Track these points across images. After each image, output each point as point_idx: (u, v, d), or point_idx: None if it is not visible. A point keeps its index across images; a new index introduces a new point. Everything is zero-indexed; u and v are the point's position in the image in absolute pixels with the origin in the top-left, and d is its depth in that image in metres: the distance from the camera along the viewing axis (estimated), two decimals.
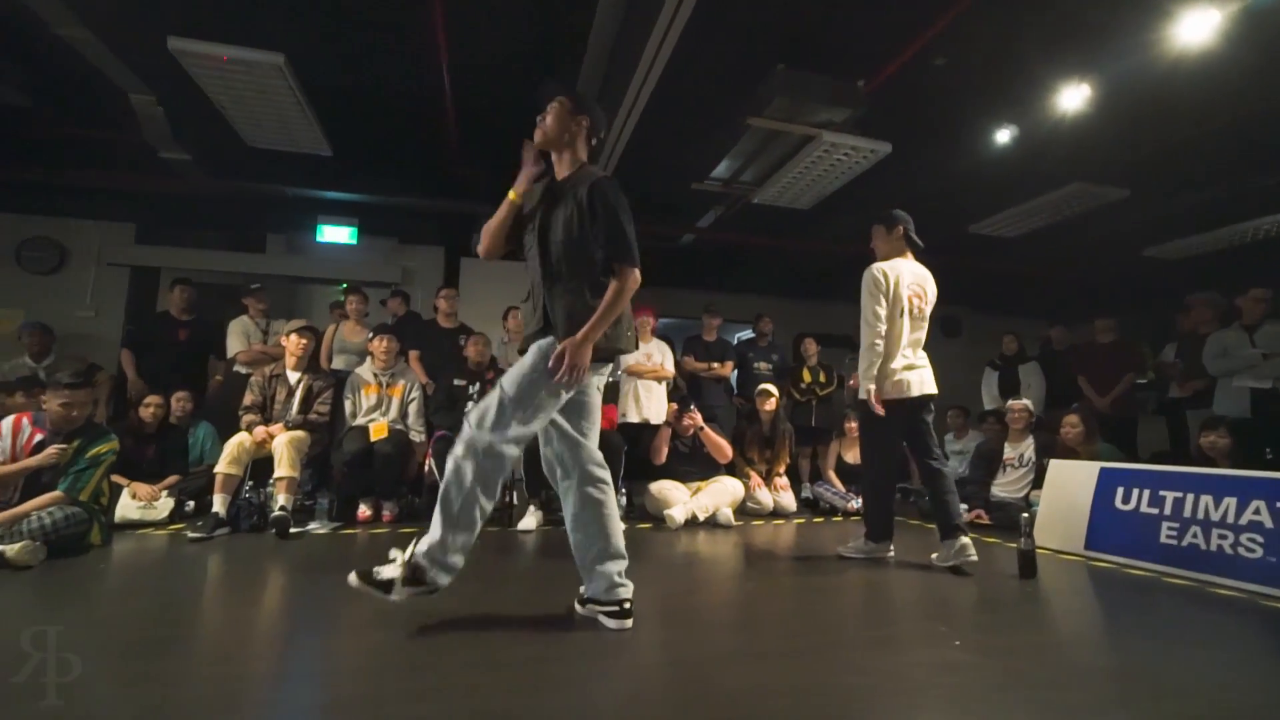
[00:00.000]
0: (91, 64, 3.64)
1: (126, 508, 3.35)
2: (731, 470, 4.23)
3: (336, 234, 6.10)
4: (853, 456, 4.57)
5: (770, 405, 4.49)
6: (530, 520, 3.58)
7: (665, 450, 4.10)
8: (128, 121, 4.30)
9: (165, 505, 3.47)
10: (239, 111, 3.96)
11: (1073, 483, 3.46)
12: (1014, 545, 2.85)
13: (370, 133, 4.66)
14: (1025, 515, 2.75)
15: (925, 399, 2.87)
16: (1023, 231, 5.86)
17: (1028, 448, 4.13)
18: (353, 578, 1.76)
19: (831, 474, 4.64)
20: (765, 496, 4.26)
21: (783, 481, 4.43)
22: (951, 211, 5.59)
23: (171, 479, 3.61)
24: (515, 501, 3.96)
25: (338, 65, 3.81)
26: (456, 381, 4.00)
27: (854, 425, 4.52)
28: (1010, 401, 4.41)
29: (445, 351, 4.40)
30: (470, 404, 3.93)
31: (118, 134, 4.52)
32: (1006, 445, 4.25)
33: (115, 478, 3.38)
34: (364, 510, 3.65)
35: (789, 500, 4.36)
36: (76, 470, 2.76)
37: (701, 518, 3.77)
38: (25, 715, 1.30)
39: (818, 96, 3.89)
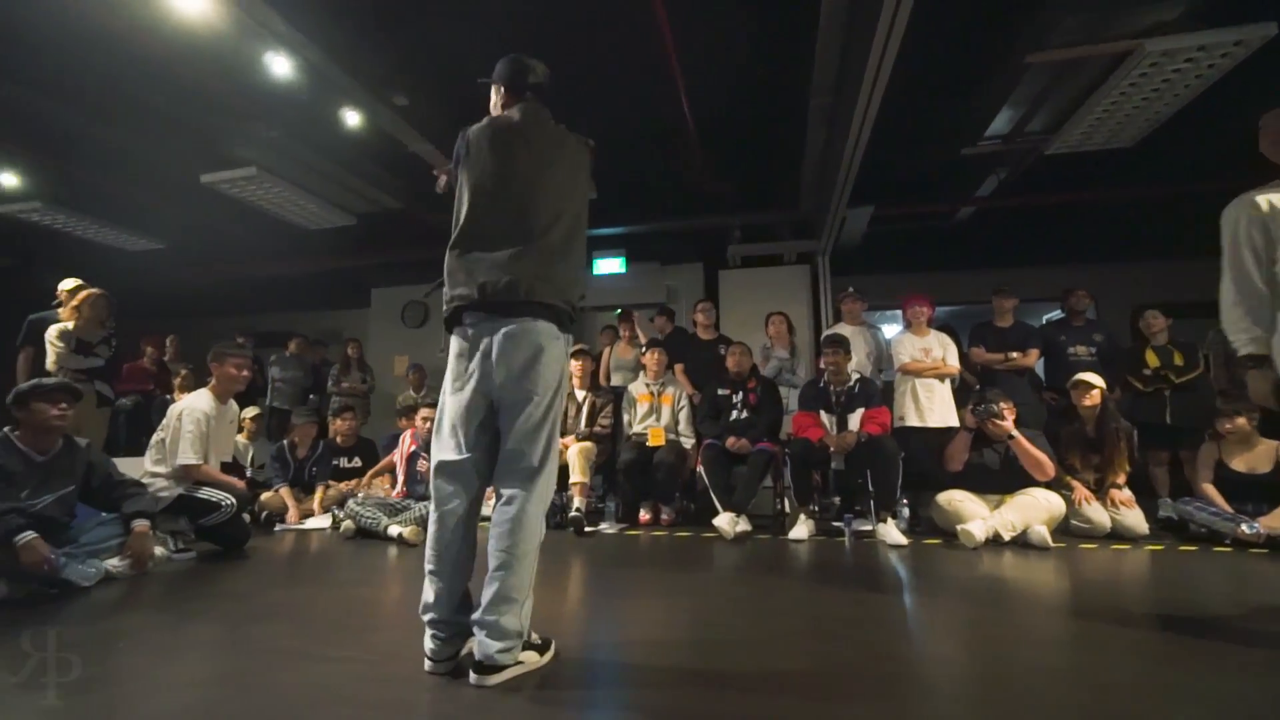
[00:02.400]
0: (428, 165, 4.76)
1: None
2: (1047, 484, 3.46)
3: (609, 265, 6.83)
4: (1242, 463, 3.38)
5: (1091, 399, 3.59)
6: (802, 529, 3.45)
7: (963, 457, 3.56)
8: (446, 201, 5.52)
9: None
10: None
11: None
12: None
13: (626, 170, 5.13)
14: None
15: None
16: None
17: None
18: None
19: (1208, 487, 3.44)
20: (1098, 513, 3.40)
21: (1124, 495, 3.47)
22: None
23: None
24: (787, 509, 3.87)
25: (590, 116, 4.30)
26: (720, 391, 4.11)
27: (1240, 422, 3.36)
28: None
29: (707, 362, 4.59)
30: (734, 413, 4.00)
31: (445, 215, 5.81)
32: None
33: None
34: (644, 514, 3.97)
35: (1136, 519, 3.39)
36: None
37: (1006, 536, 3.17)
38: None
39: None
